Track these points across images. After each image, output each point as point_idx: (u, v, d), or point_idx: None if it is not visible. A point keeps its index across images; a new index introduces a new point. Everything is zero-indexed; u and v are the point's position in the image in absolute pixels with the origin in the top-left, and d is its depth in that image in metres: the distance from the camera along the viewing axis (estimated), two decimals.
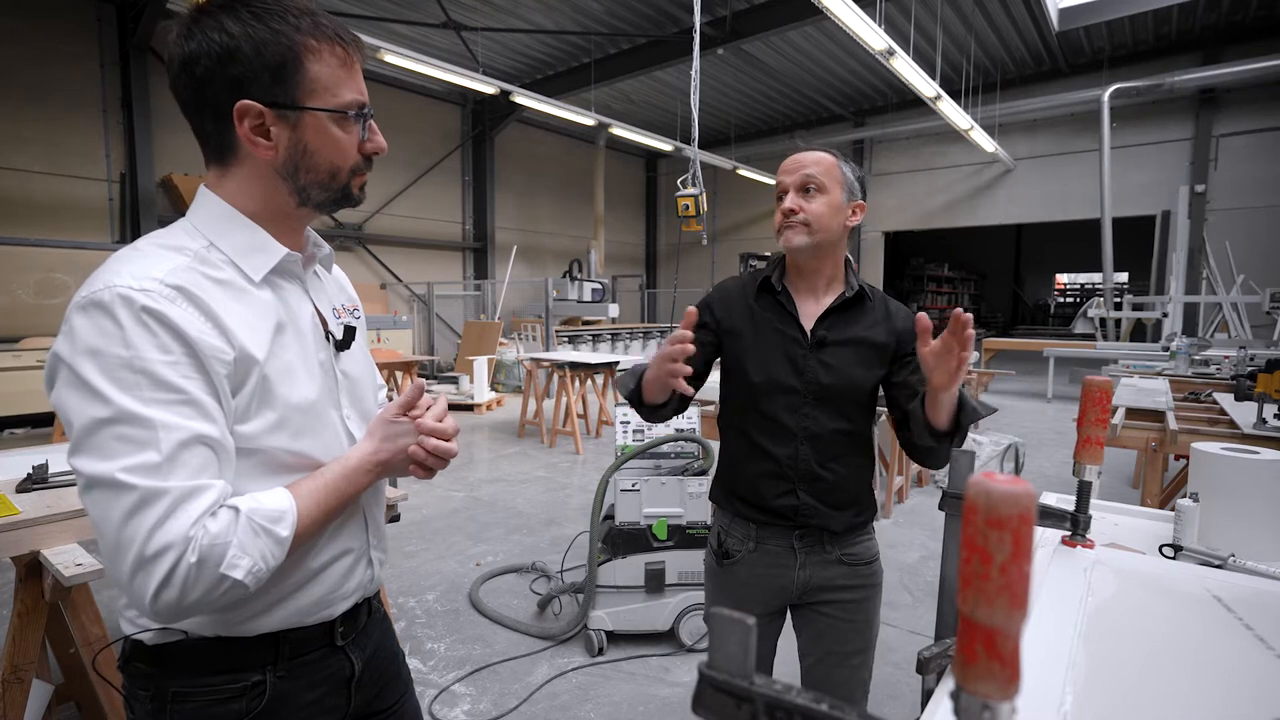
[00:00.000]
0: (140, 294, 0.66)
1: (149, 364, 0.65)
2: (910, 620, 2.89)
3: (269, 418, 0.75)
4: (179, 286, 0.69)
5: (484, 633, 2.76)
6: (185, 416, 0.66)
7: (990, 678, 0.31)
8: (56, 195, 7.85)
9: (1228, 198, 10.71)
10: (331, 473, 0.79)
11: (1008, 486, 0.30)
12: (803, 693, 0.37)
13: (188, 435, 0.66)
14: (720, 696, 0.39)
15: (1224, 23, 10.08)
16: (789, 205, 1.28)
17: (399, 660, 1.03)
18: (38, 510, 1.42)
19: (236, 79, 0.72)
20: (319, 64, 0.75)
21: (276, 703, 0.81)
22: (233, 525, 0.68)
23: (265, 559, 0.70)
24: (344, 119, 0.78)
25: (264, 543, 0.70)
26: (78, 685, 1.92)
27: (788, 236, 1.29)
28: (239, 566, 0.67)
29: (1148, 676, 0.59)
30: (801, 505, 1.32)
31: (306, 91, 0.75)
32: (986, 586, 0.30)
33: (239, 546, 0.67)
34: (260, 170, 0.77)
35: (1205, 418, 3.09)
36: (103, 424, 0.64)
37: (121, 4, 8.09)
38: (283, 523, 0.72)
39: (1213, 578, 0.86)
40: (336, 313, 0.91)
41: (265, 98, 0.73)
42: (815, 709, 0.36)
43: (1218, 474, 1.18)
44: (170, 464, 0.65)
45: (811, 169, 1.28)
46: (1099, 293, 11.36)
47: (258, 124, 0.74)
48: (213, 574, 0.66)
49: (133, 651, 0.80)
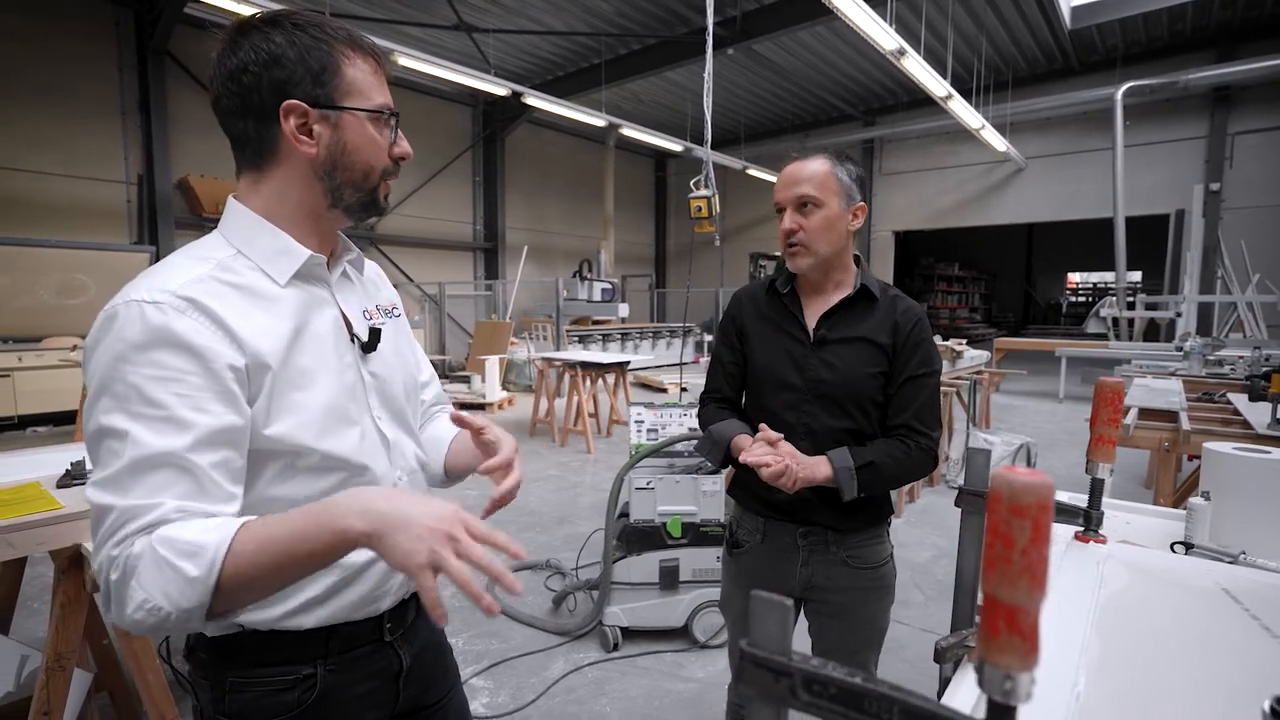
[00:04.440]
0: (151, 306, 0.70)
1: (139, 379, 0.68)
2: (922, 618, 2.91)
3: (291, 420, 0.77)
4: (190, 298, 0.72)
5: (500, 628, 2.81)
6: (158, 433, 0.67)
7: (1012, 651, 0.34)
8: (75, 197, 7.99)
9: (1243, 196, 10.61)
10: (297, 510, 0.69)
11: (1028, 479, 0.34)
12: (837, 667, 0.41)
13: (151, 453, 0.67)
14: (761, 672, 0.42)
15: (1239, 20, 9.99)
16: (788, 225, 1.32)
17: (447, 655, 1.05)
18: (79, 505, 1.47)
19: (282, 81, 0.77)
20: (354, 69, 0.81)
21: (327, 695, 0.84)
22: (143, 552, 0.64)
23: (169, 597, 0.63)
24: (378, 120, 0.83)
25: (166, 579, 0.63)
26: (110, 676, 1.98)
27: (793, 261, 1.35)
28: (132, 600, 0.63)
29: (1157, 661, 0.63)
30: (805, 501, 1.36)
31: (344, 93, 0.80)
32: (1009, 568, 0.34)
33: (136, 579, 0.63)
34: (298, 170, 0.81)
35: (1219, 418, 3.08)
36: (97, 435, 0.69)
37: (139, 9, 8.21)
38: (195, 559, 0.63)
39: (1221, 571, 0.88)
40: (368, 314, 0.92)
41: (308, 98, 0.78)
42: (849, 681, 0.40)
43: (1230, 473, 1.20)
44: (130, 479, 0.66)
45: (805, 186, 1.30)
46: (1112, 292, 11.28)
47: (301, 122, 0.79)
48: (124, 599, 0.64)
49: (196, 642, 0.84)
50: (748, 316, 1.44)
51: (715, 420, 1.45)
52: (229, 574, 0.64)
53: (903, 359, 1.34)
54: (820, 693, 0.40)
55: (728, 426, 1.41)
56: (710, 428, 1.43)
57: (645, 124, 11.46)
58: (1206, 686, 0.60)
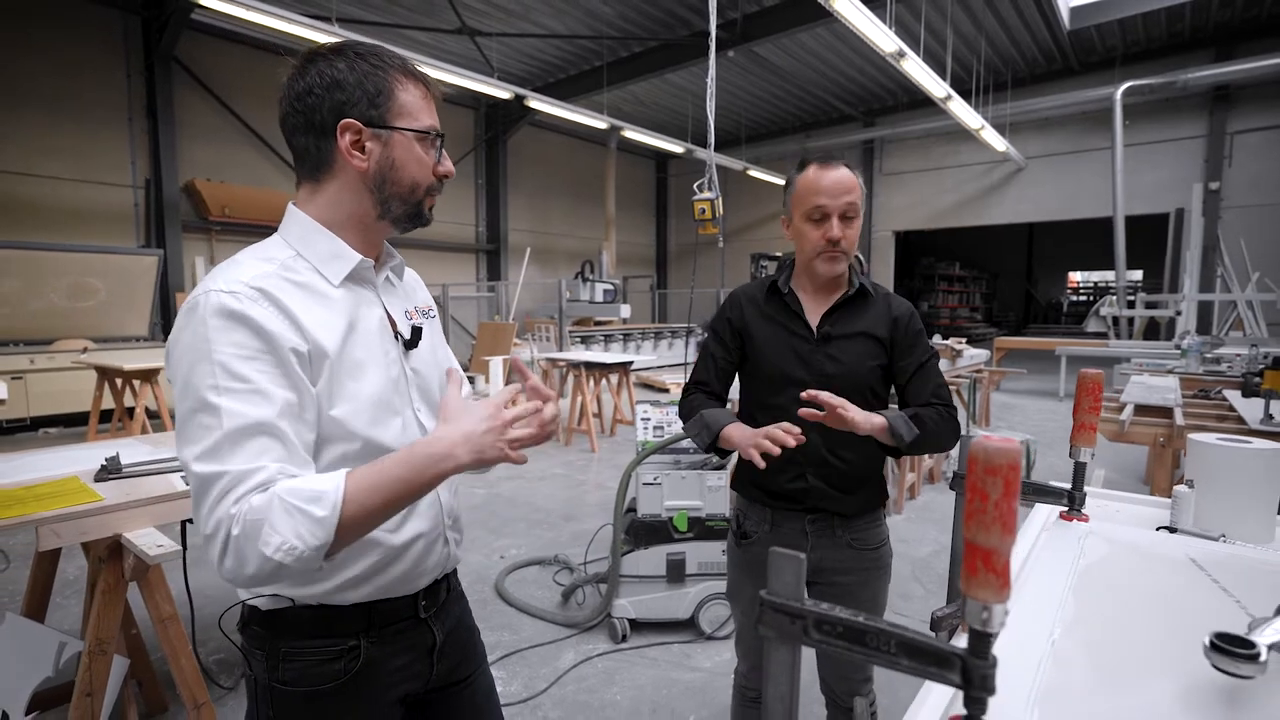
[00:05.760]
0: (228, 296, 0.78)
1: (225, 358, 0.76)
2: (923, 610, 2.98)
3: (346, 406, 0.86)
4: (261, 289, 0.80)
5: (511, 621, 2.88)
6: (250, 404, 0.75)
7: (988, 586, 0.41)
8: (85, 201, 8.08)
9: (1243, 195, 10.67)
10: (391, 460, 0.80)
11: (1000, 444, 0.41)
12: (844, 610, 0.48)
13: (248, 422, 0.75)
14: (778, 616, 0.49)
15: (1238, 19, 10.06)
16: (836, 235, 1.36)
17: (475, 636, 1.13)
18: (117, 497, 1.54)
19: (341, 103, 0.86)
20: (406, 94, 0.90)
21: (369, 666, 0.92)
22: (270, 503, 0.72)
23: (301, 537, 0.72)
24: (425, 139, 0.91)
25: (298, 522, 0.72)
26: (138, 663, 2.06)
27: (832, 266, 1.40)
28: (270, 544, 0.71)
29: (1124, 616, 0.71)
30: (811, 489, 1.43)
31: (396, 115, 0.89)
32: (984, 518, 0.41)
33: (270, 524, 0.71)
34: (351, 183, 0.89)
35: (1213, 414, 3.15)
36: (190, 413, 0.76)
37: (146, 16, 8.30)
38: (320, 502, 0.73)
39: (1192, 544, 0.96)
40: (409, 314, 1.01)
41: (363, 118, 0.87)
42: (854, 620, 0.47)
43: (1212, 461, 1.27)
44: (231, 447, 0.74)
45: (853, 196, 1.37)
46: (1112, 291, 11.34)
47: (355, 139, 0.87)
48: (255, 549, 0.71)
49: (250, 615, 0.92)
50: (750, 318, 1.51)
51: (702, 405, 1.50)
52: (347, 514, 0.75)
53: (906, 348, 1.43)
54: (829, 631, 0.48)
55: (722, 414, 1.46)
56: (703, 411, 1.47)
57: (646, 126, 11.54)
58: (1166, 635, 0.68)
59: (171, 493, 1.62)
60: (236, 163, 9.45)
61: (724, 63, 9.94)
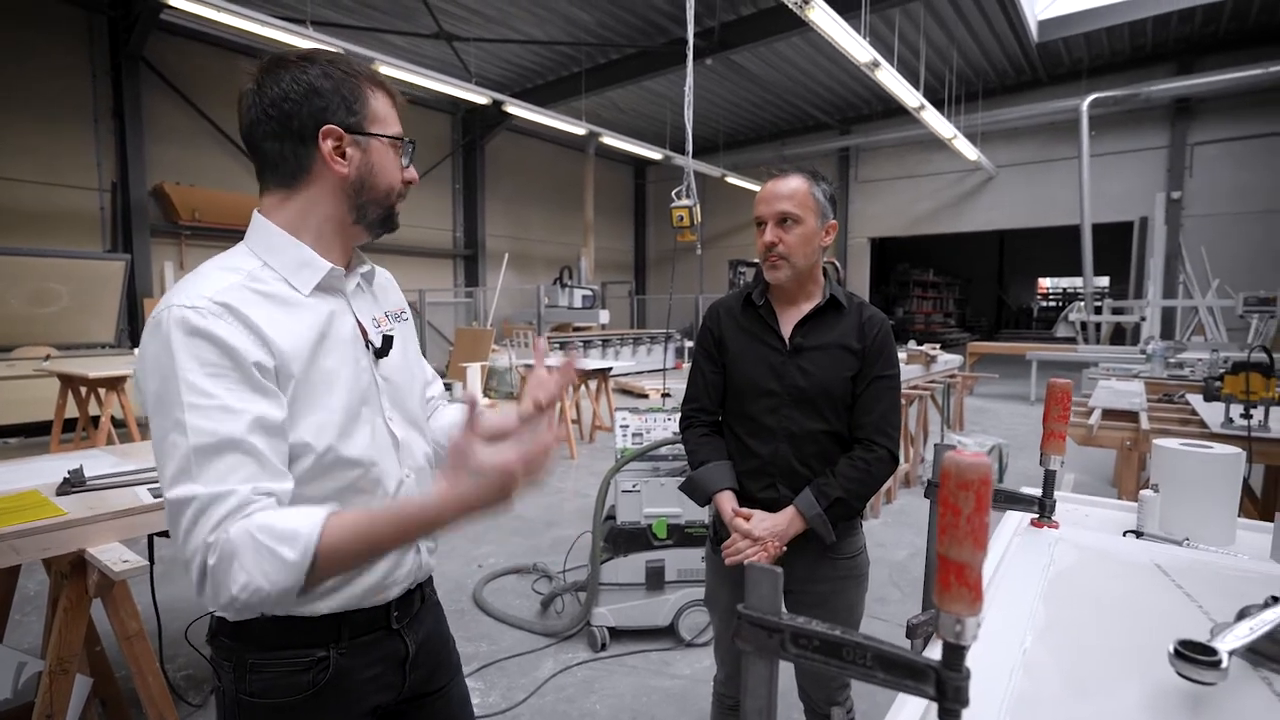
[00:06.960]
0: (191, 311, 0.77)
1: (190, 375, 0.75)
2: (899, 614, 3.01)
3: (313, 419, 0.84)
4: (224, 303, 0.79)
5: (489, 631, 2.85)
6: (216, 421, 0.73)
7: (960, 600, 0.42)
8: (48, 204, 7.87)
9: (1203, 204, 11.03)
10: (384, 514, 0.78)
11: (972, 459, 0.41)
12: (820, 624, 0.48)
13: (215, 440, 0.73)
14: (756, 630, 0.50)
15: (1197, 35, 10.42)
16: (769, 238, 1.41)
17: (450, 646, 1.12)
18: (80, 511, 1.50)
19: (321, 109, 0.86)
20: (378, 102, 0.90)
21: (339, 677, 0.91)
22: (243, 538, 0.70)
23: (268, 578, 0.69)
24: (398, 146, 0.92)
25: (265, 561, 0.69)
26: (102, 682, 2.00)
27: (773, 273, 1.44)
28: (236, 582, 0.69)
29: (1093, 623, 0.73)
30: (781, 499, 1.44)
31: (371, 121, 0.89)
32: (957, 532, 0.41)
33: (239, 562, 0.69)
34: (329, 189, 0.89)
35: (1177, 418, 3.23)
36: (163, 433, 0.75)
37: (113, 15, 8.13)
38: (292, 543, 0.69)
39: (1157, 550, 0.98)
40: (377, 321, 1.00)
41: (343, 124, 0.87)
42: (830, 634, 0.47)
43: (1174, 466, 1.31)
44: (200, 464, 0.72)
45: (786, 203, 1.39)
46: (1080, 297, 11.62)
47: (336, 145, 0.87)
48: (225, 584, 0.69)
49: (218, 627, 0.90)
50: (726, 329, 1.53)
51: (700, 451, 1.52)
52: (324, 557, 0.71)
53: (869, 359, 1.44)
54: (806, 645, 0.48)
55: (712, 473, 1.48)
56: (695, 473, 1.51)
57: (625, 132, 11.58)
58: (1133, 642, 0.69)
59: (137, 506, 1.57)
60: (207, 166, 9.27)
61: (702, 71, 10.02)
